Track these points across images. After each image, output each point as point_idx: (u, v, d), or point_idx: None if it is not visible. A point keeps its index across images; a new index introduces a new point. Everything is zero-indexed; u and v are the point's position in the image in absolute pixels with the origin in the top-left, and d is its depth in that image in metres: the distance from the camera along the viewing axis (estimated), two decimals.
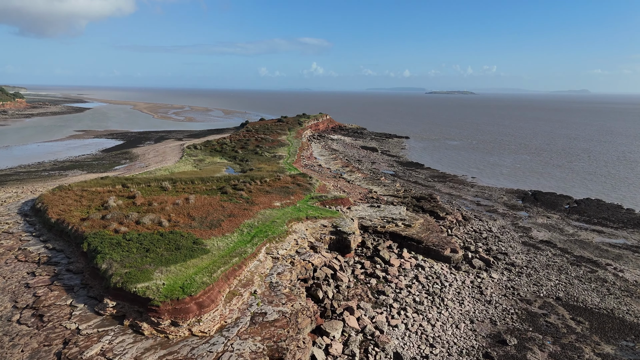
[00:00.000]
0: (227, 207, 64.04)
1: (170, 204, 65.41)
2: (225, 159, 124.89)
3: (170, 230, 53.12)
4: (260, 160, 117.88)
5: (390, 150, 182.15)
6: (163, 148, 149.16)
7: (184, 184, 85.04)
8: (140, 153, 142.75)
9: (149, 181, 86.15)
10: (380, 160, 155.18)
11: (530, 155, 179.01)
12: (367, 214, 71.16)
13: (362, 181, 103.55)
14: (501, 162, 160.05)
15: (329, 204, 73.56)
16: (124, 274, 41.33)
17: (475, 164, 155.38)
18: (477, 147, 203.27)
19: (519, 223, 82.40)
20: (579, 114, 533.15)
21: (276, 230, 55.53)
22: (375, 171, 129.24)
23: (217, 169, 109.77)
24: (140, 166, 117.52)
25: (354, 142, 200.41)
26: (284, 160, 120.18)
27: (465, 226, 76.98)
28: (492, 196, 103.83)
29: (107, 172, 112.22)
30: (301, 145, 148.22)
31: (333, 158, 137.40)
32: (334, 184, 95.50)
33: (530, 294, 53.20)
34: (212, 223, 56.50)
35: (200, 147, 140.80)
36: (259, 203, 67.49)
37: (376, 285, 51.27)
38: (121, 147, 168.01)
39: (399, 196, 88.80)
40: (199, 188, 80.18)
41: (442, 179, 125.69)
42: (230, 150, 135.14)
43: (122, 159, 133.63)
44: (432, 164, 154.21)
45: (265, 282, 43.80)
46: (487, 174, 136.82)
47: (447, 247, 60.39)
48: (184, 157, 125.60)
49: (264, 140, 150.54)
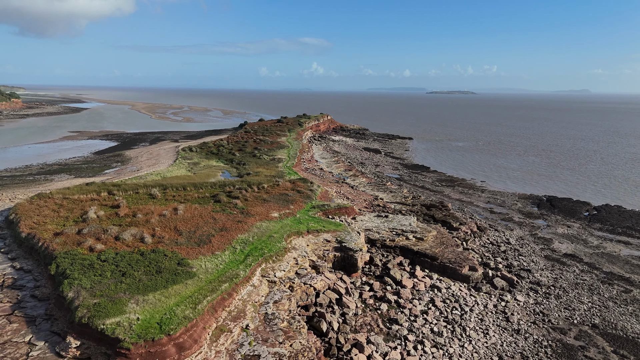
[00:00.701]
0: (219, 219, 57.59)
1: (157, 215, 59.02)
2: (222, 162, 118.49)
3: (153, 248, 46.69)
4: (259, 164, 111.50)
5: (393, 152, 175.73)
6: (157, 150, 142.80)
7: (175, 191, 78.69)
8: (133, 156, 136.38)
9: (138, 188, 79.80)
10: (384, 162, 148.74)
11: (539, 157, 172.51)
12: (374, 225, 64.74)
13: (366, 187, 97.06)
14: (510, 165, 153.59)
15: (332, 213, 67.13)
16: (92, 306, 34.94)
17: (482, 167, 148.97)
18: (483, 148, 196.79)
19: (538, 233, 75.91)
20: (582, 114, 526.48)
21: (273, 247, 49.09)
22: (380, 175, 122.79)
23: (212, 173, 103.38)
24: (131, 170, 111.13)
25: (356, 144, 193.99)
26: (284, 163, 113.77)
27: (481, 238, 70.49)
28: (505, 202, 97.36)
29: (95, 176, 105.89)
30: (301, 147, 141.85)
31: (335, 161, 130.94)
32: (337, 190, 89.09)
33: (562, 320, 46.74)
34: (201, 239, 50.07)
35: (196, 149, 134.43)
36: (254, 214, 61.04)
37: (387, 311, 44.83)
38: (114, 149, 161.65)
39: (408, 204, 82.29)
40: (191, 196, 73.78)
41: (450, 183, 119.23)
42: (227, 152, 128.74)
43: (113, 162, 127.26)
44: (438, 166, 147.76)
45: (260, 314, 37.38)
46: (496, 178, 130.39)
47: (464, 265, 53.95)
48: (178, 160, 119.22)
49: (262, 142, 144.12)
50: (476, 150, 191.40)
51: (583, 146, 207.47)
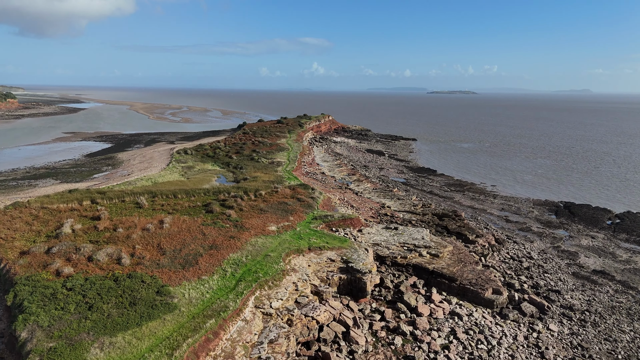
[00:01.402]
0: (210, 234, 51.15)
1: (140, 229, 52.61)
2: (218, 165, 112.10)
3: (130, 271, 40.27)
4: (256, 168, 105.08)
5: (397, 154, 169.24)
6: (151, 153, 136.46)
7: (164, 199, 72.31)
8: (125, 158, 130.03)
9: (124, 195, 73.46)
10: (388, 165, 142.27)
11: (549, 159, 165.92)
12: (383, 238, 58.30)
13: (372, 193, 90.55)
14: (519, 168, 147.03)
15: (335, 226, 60.73)
16: (47, 352, 28.53)
17: (492, 170, 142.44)
18: (490, 150, 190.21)
19: (561, 246, 69.40)
20: (587, 114, 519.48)
21: (270, 269, 42.67)
22: (385, 179, 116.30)
23: (206, 178, 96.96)
24: (121, 174, 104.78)
25: (359, 145, 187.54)
26: (283, 167, 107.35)
27: (500, 252, 64.02)
28: (520, 210, 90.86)
29: (83, 181, 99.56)
30: (302, 149, 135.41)
31: (337, 165, 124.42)
32: (340, 197, 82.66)
33: (605, 356, 40.28)
34: (187, 259, 43.68)
35: (191, 151, 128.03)
36: (249, 227, 54.60)
37: (402, 347, 38.40)
38: (107, 151, 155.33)
39: (417, 213, 75.77)
40: (181, 205, 67.37)
41: (460, 188, 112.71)
42: (223, 155, 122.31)
43: (104, 166, 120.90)
44: (445, 169, 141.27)
45: (252, 358, 30.95)
46: (507, 182, 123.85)
47: (487, 287, 47.50)
48: (172, 163, 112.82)
49: (261, 144, 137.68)
50: (482, 152, 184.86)
51: (593, 148, 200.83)
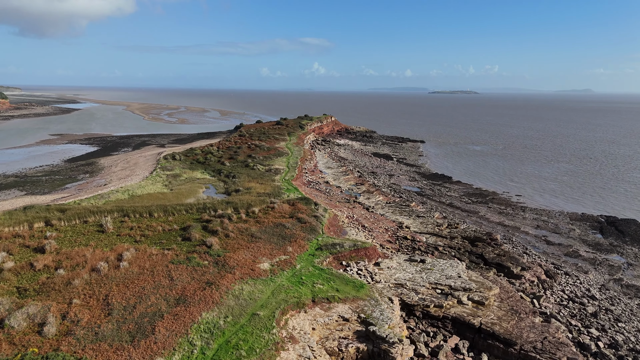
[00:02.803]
0: (180, 278, 38.13)
1: (89, 269, 39.62)
2: (208, 173, 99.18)
3: (49, 351, 27.26)
4: (251, 177, 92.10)
5: (406, 158, 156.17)
6: (136, 158, 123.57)
7: (136, 220, 59.37)
8: (107, 164, 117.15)
9: (89, 214, 60.55)
10: (398, 171, 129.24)
11: (571, 163, 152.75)
12: (408, 276, 45.29)
13: (385, 208, 77.33)
14: (541, 174, 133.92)
15: (346, 258, 47.73)
16: None
17: (511, 176, 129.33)
18: (504, 153, 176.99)
19: (623, 278, 56.31)
20: (594, 114, 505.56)
21: (258, 341, 29.68)
22: (397, 188, 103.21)
23: (193, 189, 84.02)
24: (97, 184, 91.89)
25: (364, 148, 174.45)
26: (282, 175, 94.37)
27: (553, 289, 50.95)
28: (558, 227, 77.74)
29: (51, 193, 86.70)
30: (303, 154, 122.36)
31: (343, 172, 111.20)
32: (349, 214, 69.61)
33: None
34: (140, 324, 30.69)
35: (180, 156, 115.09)
36: (234, 265, 41.58)
37: None
38: (91, 155, 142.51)
39: (444, 235, 62.63)
40: (154, 229, 54.39)
41: (481, 198, 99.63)
42: (215, 161, 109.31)
43: (81, 173, 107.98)
44: (460, 175, 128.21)
45: None
46: (531, 190, 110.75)
47: (559, 355, 34.43)
48: (156, 171, 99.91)
49: (258, 149, 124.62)
50: (497, 155, 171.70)
51: (615, 151, 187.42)
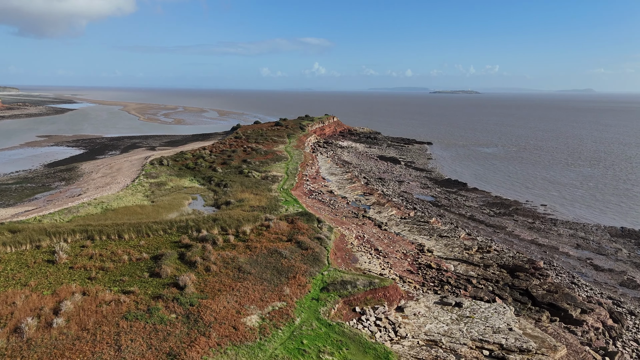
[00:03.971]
0: (131, 347, 27.15)
1: (9, 330, 28.78)
2: (197, 181, 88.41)
3: None
4: (245, 185, 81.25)
5: (415, 162, 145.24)
6: (121, 162, 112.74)
7: (100, 245, 48.58)
8: (87, 170, 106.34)
9: (43, 237, 49.84)
10: (407, 176, 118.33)
11: (593, 168, 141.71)
12: (442, 328, 34.44)
13: (400, 224, 66.23)
14: (563, 179, 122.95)
15: (360, 302, 36.89)
16: None
17: (531, 182, 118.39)
18: (518, 156, 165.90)
19: None
20: (601, 113, 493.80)
21: None
22: (409, 198, 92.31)
23: (177, 201, 73.18)
24: (70, 195, 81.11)
25: (369, 151, 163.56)
26: (280, 184, 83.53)
27: (622, 337, 40.00)
28: (601, 246, 66.77)
29: (15, 205, 75.91)
30: (303, 158, 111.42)
31: (348, 179, 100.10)
32: (358, 233, 58.71)
33: None
34: None
35: (168, 161, 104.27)
36: (212, 321, 30.69)
37: None
38: (74, 159, 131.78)
39: (475, 263, 51.59)
40: (118, 258, 43.58)
41: (504, 209, 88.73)
42: (206, 167, 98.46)
43: (57, 180, 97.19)
44: (476, 181, 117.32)
45: None
46: (557, 199, 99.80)
47: None
48: (140, 178, 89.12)
49: (254, 152, 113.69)
50: (510, 158, 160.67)
51: (635, 153, 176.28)
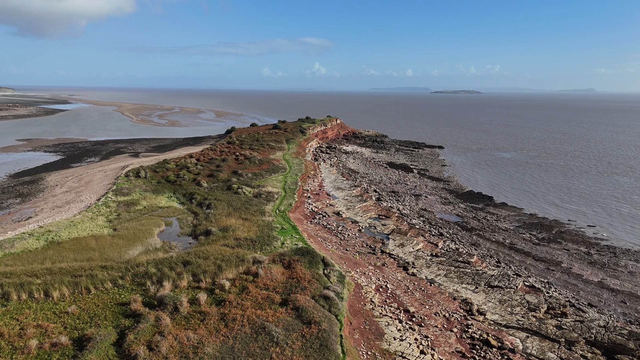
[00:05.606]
0: None
1: None
2: (176, 198, 73.22)
3: None
4: (233, 206, 65.98)
5: (429, 170, 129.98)
6: (94, 173, 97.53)
7: (14, 309, 33.56)
8: (52, 183, 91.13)
9: None
10: (424, 188, 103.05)
11: (629, 176, 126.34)
12: None
13: (433, 265, 50.51)
14: (601, 191, 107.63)
15: None
16: None
17: (566, 195, 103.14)
18: (542, 162, 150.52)
19: None
20: (612, 114, 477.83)
21: None
22: (431, 218, 76.98)
23: (146, 228, 57.88)
24: (18, 218, 65.89)
25: (376, 156, 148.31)
26: (275, 204, 68.25)
27: None
28: None
29: None
30: (304, 169, 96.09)
31: (358, 196, 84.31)
32: (379, 282, 43.36)
33: None
34: None
35: (147, 172, 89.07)
36: None
37: None
38: (46, 167, 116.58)
39: (553, 337, 35.96)
40: (25, 341, 28.32)
41: (545, 232, 73.44)
42: (189, 180, 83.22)
43: (12, 197, 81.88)
44: (502, 195, 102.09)
45: None
46: (604, 217, 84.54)
47: None
48: (108, 195, 73.92)
49: (247, 162, 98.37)
50: (534, 165, 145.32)
51: None
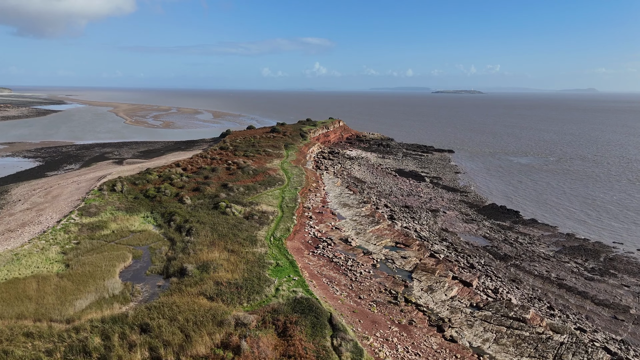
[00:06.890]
0: None
1: None
2: (153, 219, 61.47)
3: None
4: (218, 232, 54.08)
5: (442, 178, 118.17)
6: (65, 185, 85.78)
7: None
8: (15, 198, 79.40)
9: None
10: (439, 201, 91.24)
11: None
12: None
13: (475, 324, 38.28)
14: (633, 203, 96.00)
15: None
16: None
17: (602, 209, 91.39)
18: (563, 169, 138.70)
19: None
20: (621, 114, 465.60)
21: None
22: (456, 243, 65.15)
23: (107, 263, 45.95)
24: None
25: (383, 162, 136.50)
26: (270, 229, 56.41)
27: None
28: None
29: None
30: (305, 180, 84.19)
31: (369, 216, 71.73)
32: (411, 357, 31.46)
33: None
34: None
35: (124, 185, 77.27)
36: None
37: None
38: (16, 177, 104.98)
39: None
40: None
41: (592, 259, 61.63)
42: (171, 196, 71.33)
43: None
44: (529, 208, 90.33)
45: None
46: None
47: None
48: (71, 216, 62.15)
49: (240, 172, 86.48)
50: (555, 172, 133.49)
51: None
